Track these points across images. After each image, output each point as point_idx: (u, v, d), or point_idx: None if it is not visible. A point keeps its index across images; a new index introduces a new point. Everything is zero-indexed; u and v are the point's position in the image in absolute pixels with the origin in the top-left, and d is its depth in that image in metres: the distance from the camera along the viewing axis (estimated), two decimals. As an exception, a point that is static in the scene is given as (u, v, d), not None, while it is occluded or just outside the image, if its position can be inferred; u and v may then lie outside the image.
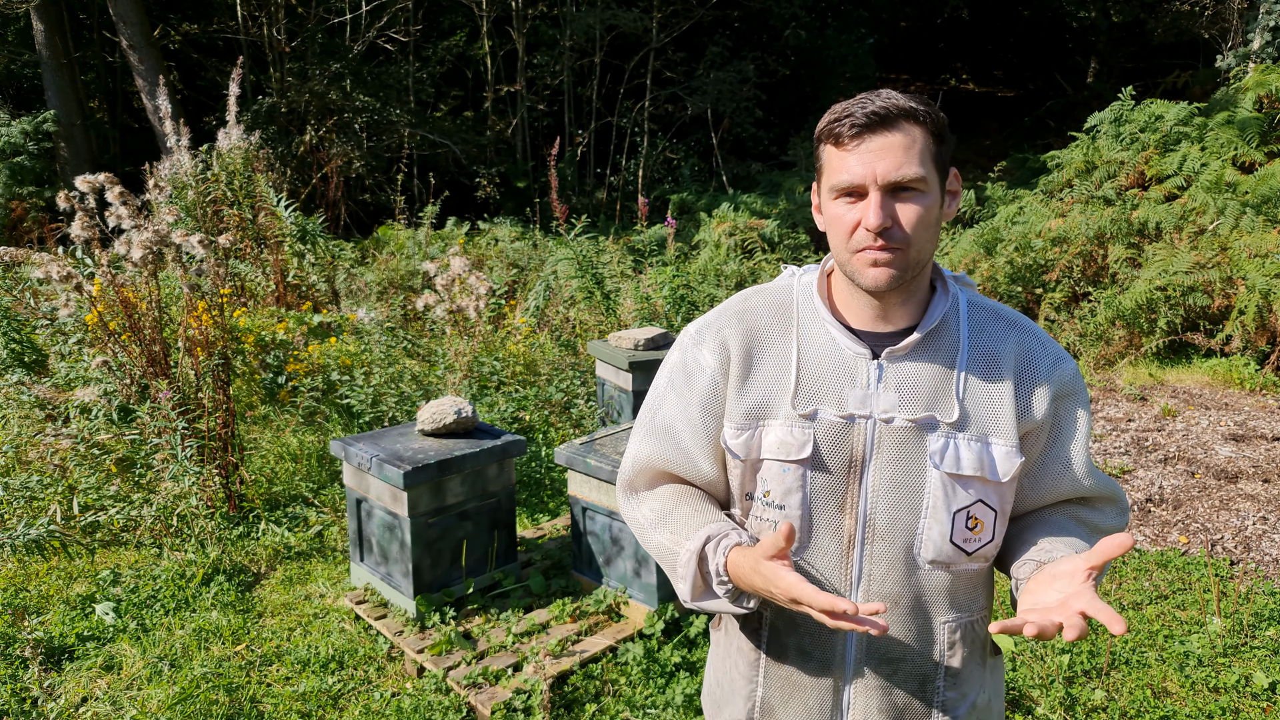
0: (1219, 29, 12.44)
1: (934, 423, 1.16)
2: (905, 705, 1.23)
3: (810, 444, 1.17)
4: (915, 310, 1.20)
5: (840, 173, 1.11)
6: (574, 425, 5.12)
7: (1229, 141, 7.66)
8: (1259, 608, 3.22)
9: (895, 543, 1.17)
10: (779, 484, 1.19)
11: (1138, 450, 4.85)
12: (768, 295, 1.28)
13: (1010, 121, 16.44)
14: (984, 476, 1.16)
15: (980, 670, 1.26)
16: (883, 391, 1.17)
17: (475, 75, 15.62)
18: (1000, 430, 1.17)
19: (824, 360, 1.20)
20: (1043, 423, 1.20)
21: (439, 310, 5.01)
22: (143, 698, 2.72)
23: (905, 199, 1.10)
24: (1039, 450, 1.22)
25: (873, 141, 1.09)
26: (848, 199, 1.12)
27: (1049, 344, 1.23)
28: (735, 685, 1.33)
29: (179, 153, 6.98)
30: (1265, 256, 6.22)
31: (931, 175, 1.11)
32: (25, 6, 11.60)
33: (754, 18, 14.94)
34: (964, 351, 1.18)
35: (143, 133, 14.58)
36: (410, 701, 2.68)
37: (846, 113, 1.10)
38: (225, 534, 3.81)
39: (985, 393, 1.17)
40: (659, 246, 8.18)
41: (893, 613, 1.20)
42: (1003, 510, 1.20)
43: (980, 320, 1.21)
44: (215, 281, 4.01)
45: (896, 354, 1.17)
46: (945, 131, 1.13)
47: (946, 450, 1.15)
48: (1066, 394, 1.21)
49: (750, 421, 1.21)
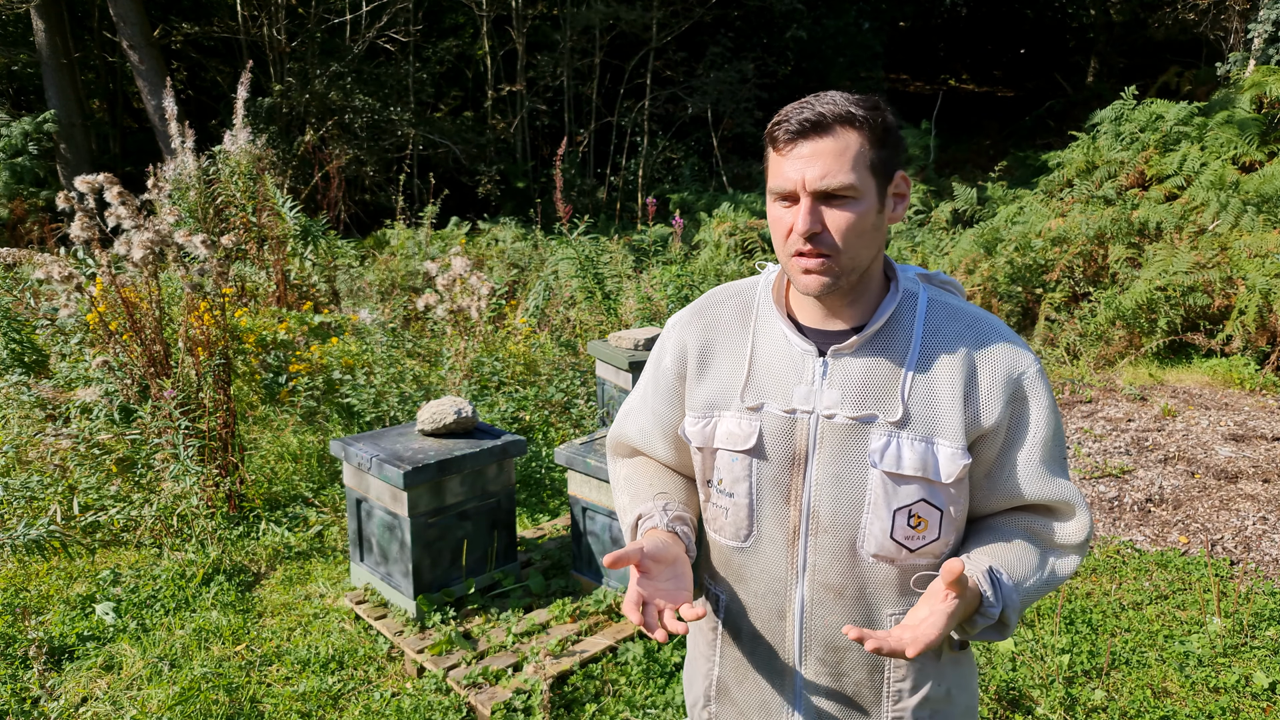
0: (1220, 29, 12.44)
1: (875, 420, 1.17)
2: (855, 692, 1.26)
3: (756, 435, 1.21)
4: (865, 309, 1.20)
5: (775, 177, 1.13)
6: (574, 425, 5.13)
7: (1229, 141, 7.66)
8: (1259, 608, 3.22)
9: (839, 535, 1.20)
10: (729, 473, 1.25)
11: (1138, 450, 4.85)
12: (734, 292, 1.32)
13: (1010, 121, 16.44)
14: (927, 476, 1.15)
15: (934, 662, 1.26)
16: (826, 388, 1.18)
17: (475, 75, 15.63)
18: (947, 431, 1.16)
19: (775, 356, 1.23)
20: (997, 425, 1.17)
21: (440, 310, 5.01)
22: (143, 698, 2.72)
23: (835, 205, 1.11)
24: (994, 453, 1.20)
25: (804, 147, 1.10)
26: (784, 202, 1.14)
27: (1011, 345, 1.19)
28: (697, 664, 1.40)
29: (183, 154, 6.99)
30: (1265, 256, 6.22)
31: (865, 181, 1.10)
32: (25, 6, 11.61)
33: (754, 16, 14.94)
34: (914, 351, 1.18)
35: (143, 133, 14.58)
36: (410, 701, 2.68)
37: (785, 117, 1.12)
38: (225, 534, 3.82)
39: (933, 393, 1.16)
40: (661, 246, 8.18)
41: (837, 602, 1.22)
42: (950, 510, 1.19)
43: (938, 320, 1.20)
44: (217, 281, 4.01)
45: (841, 352, 1.19)
46: (888, 136, 1.12)
47: (887, 449, 1.16)
48: (1022, 397, 1.18)
49: (707, 412, 1.27)
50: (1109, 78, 15.35)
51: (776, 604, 1.25)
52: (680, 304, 6.11)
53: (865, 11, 16.19)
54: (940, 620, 1.06)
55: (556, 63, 14.20)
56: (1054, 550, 1.23)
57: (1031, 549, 1.21)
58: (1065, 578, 1.23)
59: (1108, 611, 3.24)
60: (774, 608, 1.26)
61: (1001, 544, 1.20)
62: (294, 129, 12.69)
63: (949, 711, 1.28)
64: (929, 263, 7.58)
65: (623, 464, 1.46)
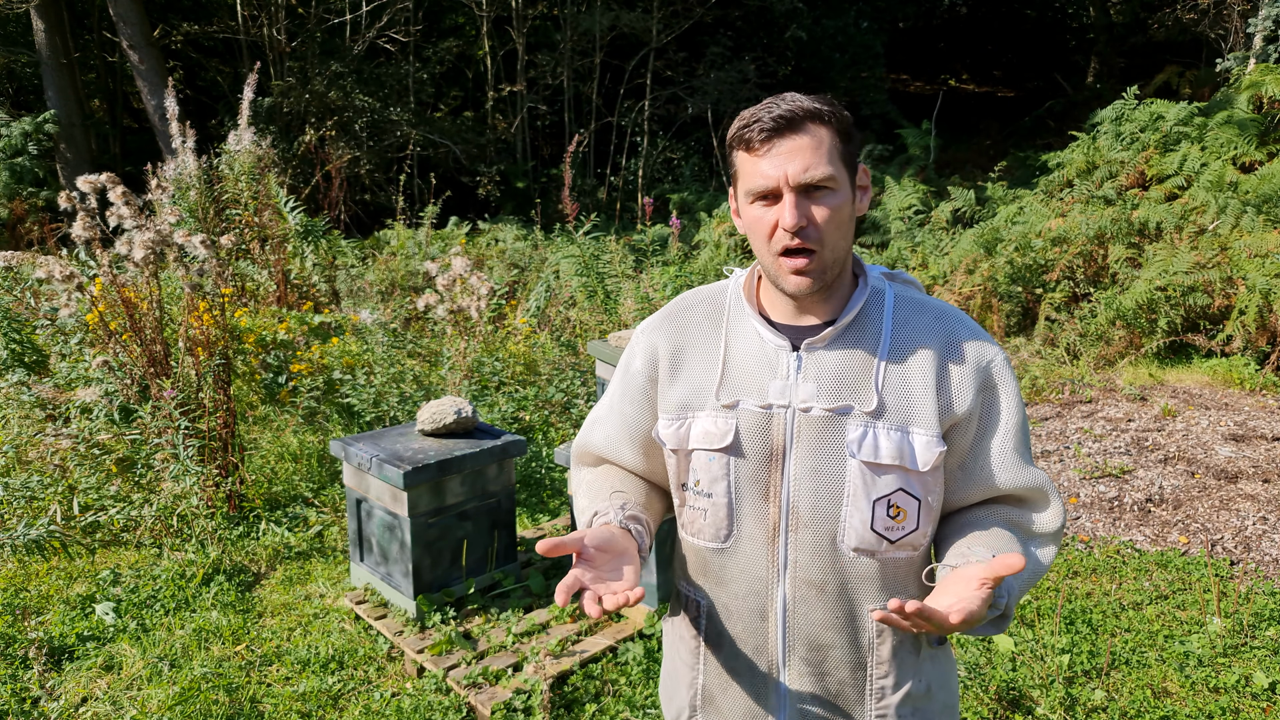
0: (1220, 29, 12.44)
1: (851, 411, 1.18)
2: (838, 691, 1.26)
3: (732, 433, 1.22)
4: (836, 304, 1.23)
5: (754, 177, 1.15)
6: (574, 425, 5.13)
7: (1229, 141, 7.66)
8: (1259, 608, 3.22)
9: (819, 530, 1.20)
10: (707, 472, 1.25)
11: (1138, 450, 4.85)
12: (705, 295, 1.34)
13: (1010, 121, 16.43)
14: (904, 465, 1.17)
15: (914, 658, 1.27)
16: (801, 382, 1.20)
17: (475, 75, 15.63)
18: (921, 420, 1.18)
19: (748, 354, 1.24)
20: (969, 414, 1.20)
21: (440, 310, 5.01)
22: (143, 698, 2.72)
23: (818, 198, 1.14)
24: (968, 442, 1.23)
25: (782, 145, 1.13)
26: (764, 202, 1.16)
27: (977, 335, 1.23)
28: (680, 674, 1.39)
29: (184, 154, 6.99)
30: (1265, 256, 6.22)
31: (841, 173, 1.15)
32: (25, 6, 11.61)
33: (754, 16, 14.94)
34: (885, 342, 1.20)
35: (143, 133, 14.59)
36: (410, 701, 2.68)
37: (755, 118, 1.15)
38: (225, 534, 3.82)
39: (906, 383, 1.19)
40: (661, 246, 8.19)
41: (819, 599, 1.22)
42: (927, 499, 1.20)
43: (905, 313, 1.23)
44: (217, 281, 4.01)
45: (815, 345, 1.20)
46: (851, 130, 1.18)
47: (864, 439, 1.18)
48: (992, 385, 1.21)
49: (681, 413, 1.28)
50: (1109, 78, 15.34)
51: (758, 604, 1.25)
52: (680, 304, 6.09)
53: (865, 11, 16.20)
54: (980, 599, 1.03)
55: (557, 63, 14.21)
56: (1033, 540, 1.25)
57: (1015, 540, 1.22)
58: (1047, 567, 1.25)
59: (1108, 611, 3.24)
60: (756, 609, 1.26)
61: (988, 535, 1.21)
62: (294, 129, 12.69)
63: (929, 709, 1.29)
64: (929, 263, 7.59)
65: (586, 471, 1.47)
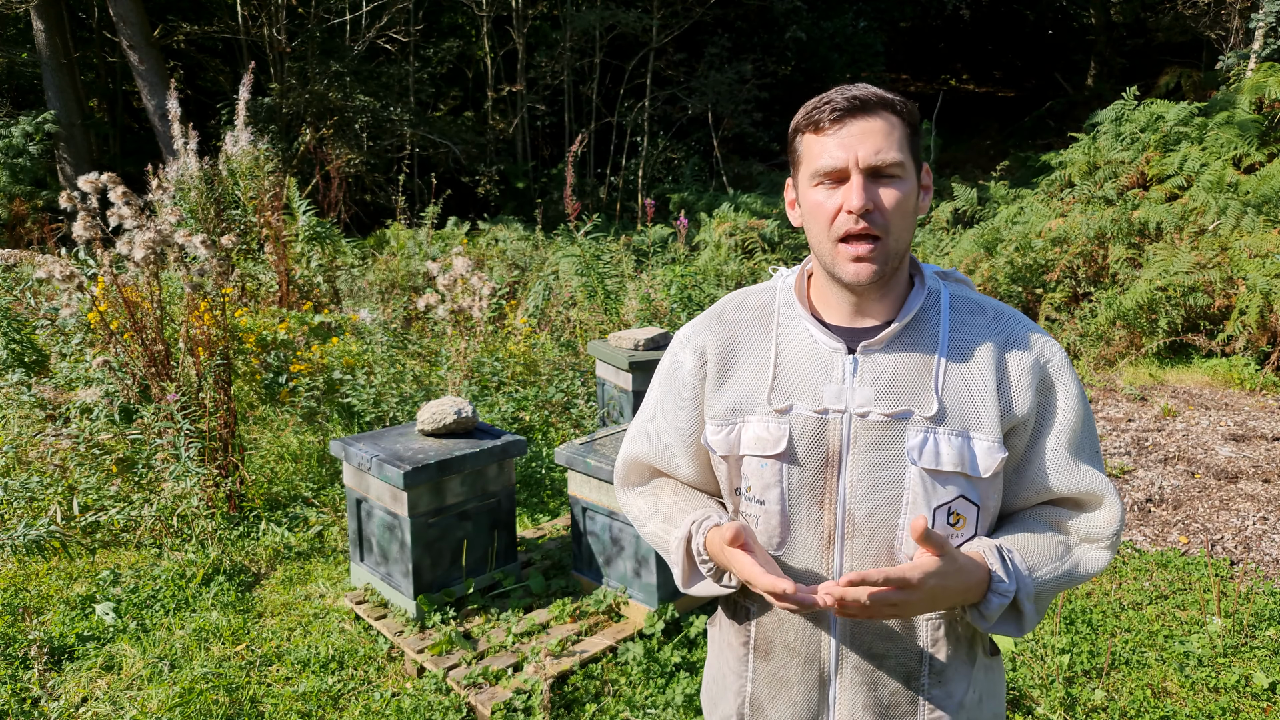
0: (1221, 28, 12.44)
1: (911, 416, 1.14)
2: (890, 701, 1.22)
3: (786, 439, 1.17)
4: (893, 305, 1.19)
5: (820, 157, 1.11)
6: (574, 425, 5.12)
7: (1229, 141, 7.66)
8: (1259, 608, 3.22)
9: (876, 538, 1.16)
10: (758, 479, 1.20)
11: (1138, 450, 4.85)
12: (752, 296, 1.30)
13: (1010, 121, 16.43)
14: (965, 472, 1.14)
15: (967, 668, 1.24)
16: (858, 386, 1.16)
17: (475, 75, 15.63)
18: (982, 424, 1.14)
19: (801, 357, 1.20)
20: (1028, 416, 1.16)
21: (440, 310, 5.01)
22: (143, 698, 2.72)
23: (885, 184, 1.10)
24: (1024, 444, 1.19)
25: (853, 126, 1.10)
26: (828, 185, 1.12)
27: (1035, 335, 1.19)
28: (727, 681, 1.34)
29: (185, 155, 6.99)
30: (1266, 256, 6.21)
31: (909, 163, 1.12)
32: (25, 6, 11.61)
33: (754, 16, 14.94)
34: (943, 345, 1.16)
35: (143, 133, 14.59)
36: (410, 701, 2.68)
37: (826, 100, 1.12)
38: (225, 534, 3.82)
39: (966, 386, 1.15)
40: (661, 246, 8.19)
41: None
42: (986, 505, 1.17)
43: (962, 314, 1.19)
44: (217, 281, 4.01)
45: (872, 347, 1.16)
46: (919, 125, 1.15)
47: (925, 445, 1.13)
48: (1049, 385, 1.17)
49: (731, 419, 1.23)
50: (1109, 78, 15.34)
51: (812, 614, 1.21)
52: (682, 304, 6.11)
53: (865, 11, 16.20)
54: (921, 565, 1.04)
55: (556, 63, 14.21)
56: (1079, 543, 1.20)
57: (1053, 539, 1.18)
58: (1093, 573, 1.19)
59: (1108, 611, 3.24)
60: (809, 617, 1.22)
61: (1020, 533, 1.18)
62: (294, 129, 12.69)
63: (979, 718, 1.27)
64: (929, 263, 7.59)
65: (640, 493, 1.38)
